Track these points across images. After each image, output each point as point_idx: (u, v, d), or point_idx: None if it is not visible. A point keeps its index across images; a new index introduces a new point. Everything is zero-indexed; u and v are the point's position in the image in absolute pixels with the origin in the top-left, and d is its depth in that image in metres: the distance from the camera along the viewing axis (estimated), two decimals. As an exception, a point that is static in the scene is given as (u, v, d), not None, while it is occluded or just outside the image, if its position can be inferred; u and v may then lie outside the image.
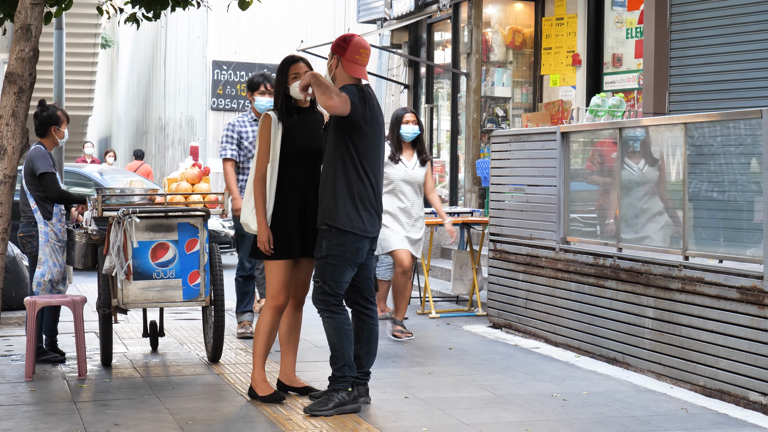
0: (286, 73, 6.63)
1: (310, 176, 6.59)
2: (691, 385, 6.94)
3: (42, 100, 8.14)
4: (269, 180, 6.55)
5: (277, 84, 6.66)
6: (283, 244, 6.54)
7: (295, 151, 6.58)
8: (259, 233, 6.51)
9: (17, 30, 5.52)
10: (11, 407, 6.47)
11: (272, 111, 6.64)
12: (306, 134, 6.63)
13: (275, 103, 6.65)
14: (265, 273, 6.62)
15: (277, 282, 6.56)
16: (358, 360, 6.42)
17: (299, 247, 6.56)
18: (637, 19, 11.64)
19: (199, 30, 25.03)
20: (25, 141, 5.50)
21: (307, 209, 6.54)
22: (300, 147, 6.59)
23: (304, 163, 6.60)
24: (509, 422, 6.09)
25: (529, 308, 9.01)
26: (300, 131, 6.62)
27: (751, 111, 6.70)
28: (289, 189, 6.57)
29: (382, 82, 17.84)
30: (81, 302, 7.51)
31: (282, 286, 6.56)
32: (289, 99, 6.64)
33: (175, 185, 8.14)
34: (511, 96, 14.36)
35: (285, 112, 6.61)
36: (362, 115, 6.22)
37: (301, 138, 6.60)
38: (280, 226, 6.54)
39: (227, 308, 10.18)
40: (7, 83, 5.47)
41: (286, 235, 6.54)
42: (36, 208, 7.83)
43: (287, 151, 6.57)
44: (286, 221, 6.54)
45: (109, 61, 37.29)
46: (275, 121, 6.59)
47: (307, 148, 6.60)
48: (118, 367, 7.81)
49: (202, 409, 6.41)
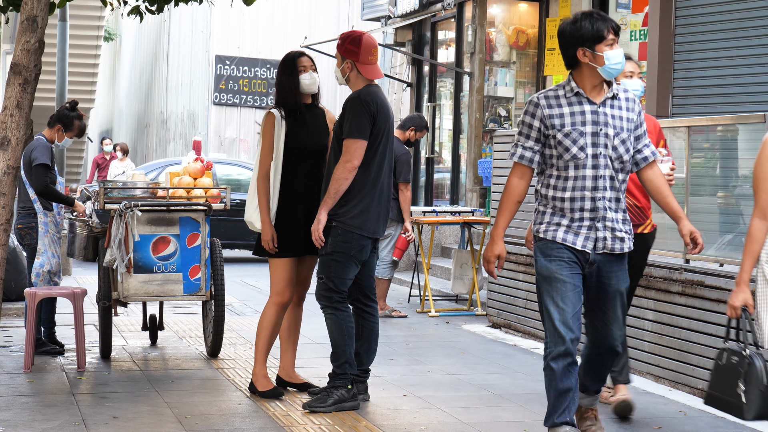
0: (295, 67, 6.60)
1: (315, 173, 6.58)
2: (689, 387, 6.94)
3: (74, 101, 8.18)
4: (273, 178, 6.53)
5: (287, 79, 6.60)
6: (287, 242, 6.52)
7: (299, 149, 6.56)
8: (263, 232, 6.50)
9: (23, 21, 5.52)
10: (10, 398, 6.47)
11: (275, 109, 6.61)
12: (309, 131, 6.61)
13: (281, 99, 6.60)
14: (270, 270, 6.61)
15: (282, 279, 6.55)
16: (359, 357, 6.42)
17: (303, 245, 6.53)
18: (641, 21, 11.64)
19: (203, 24, 25.02)
20: (29, 132, 5.50)
21: (312, 206, 6.52)
22: (304, 144, 6.57)
23: (308, 160, 6.58)
24: (507, 422, 6.09)
25: (528, 308, 9.01)
26: (303, 128, 6.60)
27: (755, 115, 6.70)
28: (293, 186, 6.55)
29: (384, 80, 17.84)
30: (81, 294, 7.51)
31: (287, 283, 6.56)
32: (295, 94, 6.61)
33: (177, 179, 8.14)
34: (514, 96, 14.35)
35: (293, 108, 6.58)
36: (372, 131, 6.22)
37: (305, 135, 6.59)
38: (285, 224, 6.52)
39: (227, 303, 10.18)
40: (12, 74, 5.46)
41: (291, 233, 6.52)
42: (35, 198, 7.82)
43: (291, 149, 6.54)
44: (290, 219, 6.53)
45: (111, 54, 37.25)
46: (279, 119, 6.57)
47: (310, 145, 6.59)
48: (117, 360, 7.82)
49: (201, 403, 6.41)
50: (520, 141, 5.25)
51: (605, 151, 5.14)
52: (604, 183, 5.15)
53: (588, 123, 5.14)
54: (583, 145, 5.12)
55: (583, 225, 5.16)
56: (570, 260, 5.16)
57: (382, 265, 10.23)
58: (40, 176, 7.74)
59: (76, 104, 8.16)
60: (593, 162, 5.14)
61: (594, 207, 5.14)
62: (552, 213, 5.21)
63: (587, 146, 5.11)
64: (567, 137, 5.13)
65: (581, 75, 5.21)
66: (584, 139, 5.12)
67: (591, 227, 5.16)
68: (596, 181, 5.14)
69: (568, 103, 5.18)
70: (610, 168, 5.16)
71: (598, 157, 5.14)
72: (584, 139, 5.12)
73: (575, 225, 5.16)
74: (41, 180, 7.74)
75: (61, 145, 8.08)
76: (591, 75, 5.18)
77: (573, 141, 5.13)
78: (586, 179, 5.14)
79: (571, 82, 5.21)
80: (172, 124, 27.95)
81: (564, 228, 5.17)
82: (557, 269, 5.15)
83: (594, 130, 5.14)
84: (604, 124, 5.16)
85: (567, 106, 5.17)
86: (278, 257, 6.53)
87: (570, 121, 5.15)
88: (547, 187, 5.26)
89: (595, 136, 5.14)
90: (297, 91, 6.57)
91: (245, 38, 24.47)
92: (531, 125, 5.21)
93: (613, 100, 5.24)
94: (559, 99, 5.19)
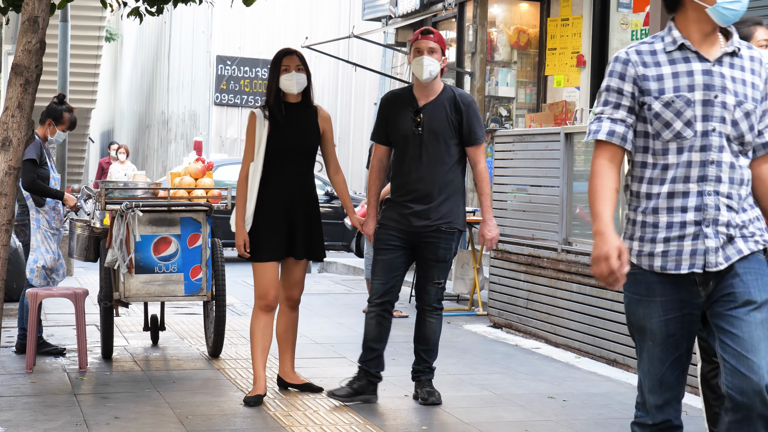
0: (279, 66, 6.43)
1: (298, 175, 6.46)
2: (691, 387, 6.93)
3: (62, 95, 8.16)
4: (251, 180, 6.38)
5: (269, 78, 6.47)
6: (265, 245, 6.39)
7: (281, 150, 6.40)
8: (236, 236, 6.39)
9: (24, 22, 5.52)
10: (12, 398, 6.48)
11: (258, 108, 6.51)
12: (294, 132, 6.45)
13: (267, 99, 6.50)
14: (253, 273, 6.51)
15: (262, 283, 6.45)
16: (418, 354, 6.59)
17: (284, 249, 6.42)
18: (643, 20, 11.63)
19: (204, 25, 25.04)
20: (30, 133, 5.50)
21: (296, 209, 6.41)
22: (286, 145, 6.41)
23: (292, 161, 6.44)
24: (509, 422, 6.09)
25: (530, 308, 9.01)
26: (288, 129, 6.43)
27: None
28: (274, 189, 6.41)
29: (386, 80, 17.84)
30: (83, 295, 7.51)
31: (267, 286, 6.44)
32: (280, 94, 6.48)
33: (178, 179, 8.14)
34: (515, 96, 14.35)
35: (273, 108, 6.44)
36: None
37: (288, 136, 6.42)
38: (263, 227, 6.39)
39: (228, 303, 10.19)
40: (13, 75, 5.47)
41: (270, 236, 6.39)
42: (28, 195, 7.83)
43: (273, 150, 6.41)
44: (270, 222, 6.39)
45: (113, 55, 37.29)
46: (261, 119, 6.42)
47: (293, 147, 6.43)
48: (119, 360, 7.82)
49: (202, 403, 6.41)
50: (606, 112, 3.72)
51: (721, 127, 3.66)
52: (717, 172, 3.65)
53: (698, 87, 3.66)
54: (691, 118, 3.65)
55: (686, 234, 3.63)
56: (667, 298, 3.67)
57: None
58: (27, 171, 7.72)
59: (63, 97, 8.14)
60: (703, 142, 3.65)
61: (702, 205, 3.64)
62: (643, 223, 3.71)
63: (696, 120, 3.65)
64: (668, 108, 3.66)
65: (685, 19, 3.74)
66: (692, 111, 3.65)
67: (698, 235, 3.63)
68: (706, 168, 3.64)
69: (670, 60, 3.70)
70: (727, 151, 3.66)
71: (709, 136, 3.65)
72: (692, 110, 3.65)
73: (674, 236, 3.64)
74: (28, 175, 7.73)
75: (54, 139, 8.04)
76: (699, 19, 3.70)
77: (676, 113, 3.66)
78: (693, 167, 3.65)
79: (673, 31, 3.75)
80: (174, 124, 27.97)
81: (661, 244, 3.66)
82: (645, 315, 3.71)
83: (706, 97, 3.66)
84: (721, 89, 3.66)
85: (668, 65, 3.69)
86: (256, 261, 6.43)
87: (672, 85, 3.67)
88: (639, 182, 3.74)
89: (708, 106, 3.66)
90: (276, 90, 6.43)
91: (246, 38, 24.49)
92: (621, 90, 3.70)
93: (732, 57, 3.73)
94: (656, 55, 3.71)
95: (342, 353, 8.13)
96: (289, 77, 6.38)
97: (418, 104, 6.34)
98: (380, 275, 6.37)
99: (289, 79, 6.38)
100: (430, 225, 6.30)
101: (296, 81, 6.38)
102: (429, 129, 6.28)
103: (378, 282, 6.37)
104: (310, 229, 6.49)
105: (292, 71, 6.38)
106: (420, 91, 6.37)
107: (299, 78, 6.39)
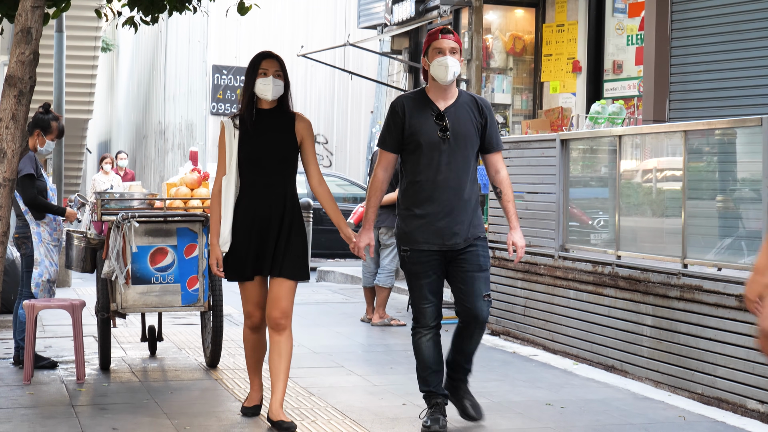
0: (256, 68, 5.99)
1: (274, 185, 5.99)
2: (689, 392, 6.93)
3: (47, 104, 8.12)
4: (225, 194, 5.99)
5: (246, 81, 6.02)
6: (235, 264, 6.01)
7: (253, 160, 5.97)
8: (209, 254, 6.07)
9: (17, 33, 5.53)
10: (9, 410, 6.46)
11: (229, 117, 6.09)
12: (266, 140, 6.00)
13: (240, 104, 6.07)
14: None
15: (244, 303, 6.15)
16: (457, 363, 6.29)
17: (251, 267, 5.99)
18: (638, 26, 11.65)
19: (200, 34, 25.05)
20: (24, 144, 5.51)
21: (271, 224, 5.96)
22: (257, 155, 5.98)
23: (263, 172, 5.99)
24: (507, 429, 6.08)
25: (527, 315, 9.01)
26: (259, 137, 6.00)
27: (751, 119, 6.70)
28: (249, 202, 5.99)
29: (382, 88, 17.85)
30: (80, 306, 7.50)
31: (251, 306, 6.12)
32: (254, 99, 6.04)
33: (174, 190, 8.13)
34: (511, 103, 14.35)
35: (245, 115, 6.01)
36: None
37: (259, 145, 5.98)
38: (234, 244, 6.00)
39: (226, 314, 10.17)
40: (7, 86, 5.47)
41: (240, 255, 6.00)
42: (26, 209, 7.82)
43: (244, 160, 5.97)
44: (242, 238, 5.98)
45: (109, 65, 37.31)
46: (230, 128, 6.01)
47: (264, 156, 5.98)
48: (117, 371, 7.81)
49: (200, 413, 6.40)
50: None
51: None
52: None
53: None
54: None
55: None
56: None
57: (383, 273, 10.23)
58: (27, 188, 7.71)
59: (49, 106, 8.10)
60: None
61: None
62: None
63: None
64: None
65: None
66: None
67: None
68: None
69: None
70: None
71: None
72: None
73: None
74: (29, 192, 7.72)
75: (44, 150, 8.01)
76: None
77: None
78: None
79: None
80: (171, 134, 27.98)
81: None
82: None
83: None
84: None
85: None
86: (228, 280, 6.12)
87: None
88: None
89: None
90: (250, 95, 6.00)
91: (242, 48, 24.49)
92: None
93: None
94: None
95: (340, 362, 8.12)
96: (265, 82, 5.95)
97: (438, 108, 5.94)
98: (428, 298, 6.03)
99: (264, 83, 5.95)
100: (466, 240, 5.98)
101: (272, 87, 5.95)
102: (456, 133, 5.87)
103: (428, 306, 6.03)
104: (288, 245, 5.99)
105: (269, 76, 5.95)
106: (438, 93, 5.97)
107: (276, 84, 5.96)
